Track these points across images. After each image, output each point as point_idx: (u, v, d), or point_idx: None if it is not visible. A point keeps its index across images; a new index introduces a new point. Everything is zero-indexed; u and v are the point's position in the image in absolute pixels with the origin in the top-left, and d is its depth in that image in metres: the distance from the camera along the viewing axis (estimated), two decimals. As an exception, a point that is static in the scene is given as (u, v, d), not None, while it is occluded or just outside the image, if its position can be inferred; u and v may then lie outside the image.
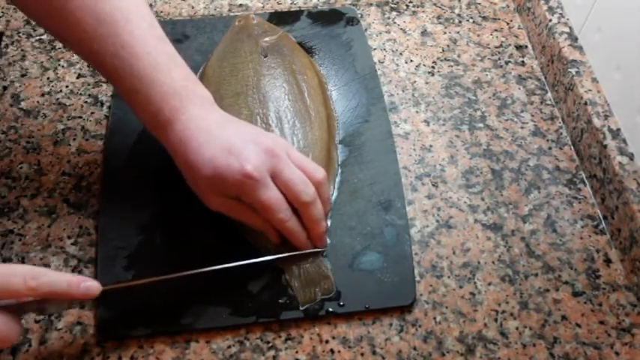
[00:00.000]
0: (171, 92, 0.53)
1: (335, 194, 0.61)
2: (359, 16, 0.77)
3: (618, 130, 0.62)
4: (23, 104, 0.68)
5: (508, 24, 0.77)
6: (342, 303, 0.55)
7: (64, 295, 0.47)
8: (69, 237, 0.59)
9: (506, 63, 0.73)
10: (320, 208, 0.55)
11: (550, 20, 0.71)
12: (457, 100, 0.70)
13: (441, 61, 0.73)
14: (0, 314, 0.44)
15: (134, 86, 0.53)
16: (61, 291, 0.46)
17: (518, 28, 0.77)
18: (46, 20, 0.55)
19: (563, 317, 0.55)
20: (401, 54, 0.74)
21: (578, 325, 0.55)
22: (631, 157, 0.60)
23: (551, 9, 0.72)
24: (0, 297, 0.45)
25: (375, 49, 0.74)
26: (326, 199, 0.56)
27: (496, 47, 0.75)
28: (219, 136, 0.53)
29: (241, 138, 0.53)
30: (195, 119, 0.53)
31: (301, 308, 0.54)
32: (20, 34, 0.74)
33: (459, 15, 0.78)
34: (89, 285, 0.48)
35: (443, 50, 0.74)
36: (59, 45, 0.73)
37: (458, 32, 0.76)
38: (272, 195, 0.52)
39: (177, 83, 0.54)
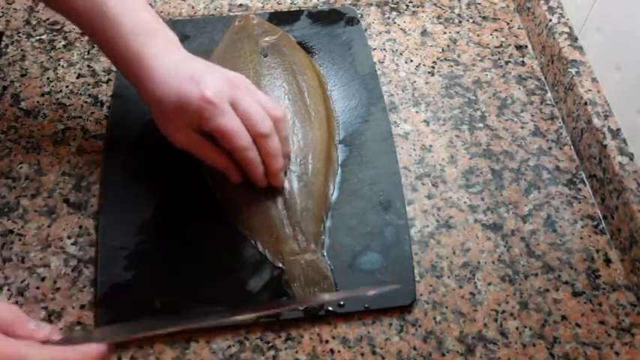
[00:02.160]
0: (140, 30, 0.55)
1: (335, 194, 0.61)
2: (359, 16, 0.77)
3: (618, 130, 0.62)
4: (23, 104, 0.68)
5: (508, 24, 0.77)
6: (342, 303, 0.55)
7: None
8: (69, 237, 0.59)
9: (506, 63, 0.73)
10: (277, 143, 0.55)
11: (550, 20, 0.71)
12: (457, 100, 0.70)
13: (441, 61, 0.73)
14: None
15: (104, 26, 0.55)
16: None
17: (518, 28, 0.77)
18: None
19: (563, 317, 0.55)
20: (401, 54, 0.74)
21: (578, 325, 0.55)
22: (631, 157, 0.60)
23: (551, 9, 0.72)
24: None
25: (375, 49, 0.74)
26: (284, 137, 0.57)
27: (496, 47, 0.75)
28: (184, 67, 0.54)
29: (205, 69, 0.55)
30: (162, 55, 0.55)
31: (300, 308, 0.54)
32: (20, 34, 0.74)
33: (459, 15, 0.78)
34: None
35: (443, 50, 0.74)
36: (59, 45, 0.73)
37: (458, 32, 0.76)
38: (231, 121, 0.53)
39: (146, 23, 0.56)
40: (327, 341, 0.54)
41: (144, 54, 0.55)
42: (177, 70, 0.54)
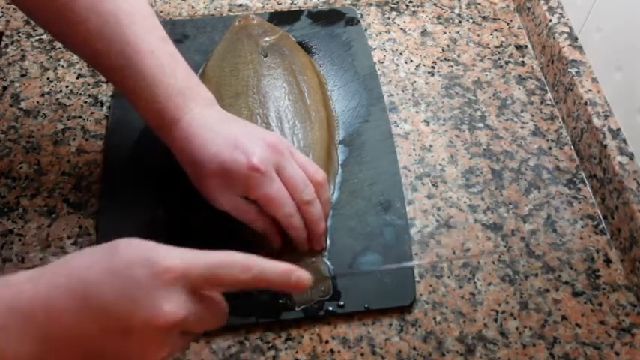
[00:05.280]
0: (175, 92, 0.53)
1: (335, 194, 0.61)
2: (359, 16, 0.77)
3: (618, 130, 0.62)
4: (23, 104, 0.68)
5: (508, 24, 0.77)
6: (341, 303, 0.55)
7: (277, 286, 0.45)
8: (69, 237, 0.59)
9: (506, 63, 0.73)
10: (319, 209, 0.55)
11: (550, 20, 0.71)
12: (457, 100, 0.70)
13: (441, 61, 0.73)
14: (202, 302, 0.42)
15: (138, 85, 0.53)
16: (276, 281, 0.45)
17: (518, 28, 0.77)
18: (50, 21, 0.55)
19: (563, 317, 0.55)
20: (401, 54, 0.74)
21: (578, 325, 0.55)
22: (631, 157, 0.60)
23: (551, 9, 0.72)
24: (209, 289, 0.43)
25: (375, 49, 0.74)
26: (325, 201, 0.56)
27: (496, 47, 0.75)
28: (223, 132, 0.53)
29: (245, 133, 0.54)
30: (198, 118, 0.54)
31: (297, 309, 0.54)
32: (20, 34, 0.74)
33: (459, 15, 0.78)
34: (300, 275, 0.46)
35: (443, 50, 0.74)
36: (59, 45, 0.73)
37: (458, 32, 0.76)
38: (278, 189, 0.52)
39: (181, 83, 0.54)
40: (327, 341, 0.54)
41: (180, 117, 0.53)
42: (217, 136, 0.53)
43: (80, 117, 0.67)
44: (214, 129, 0.53)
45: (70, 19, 0.53)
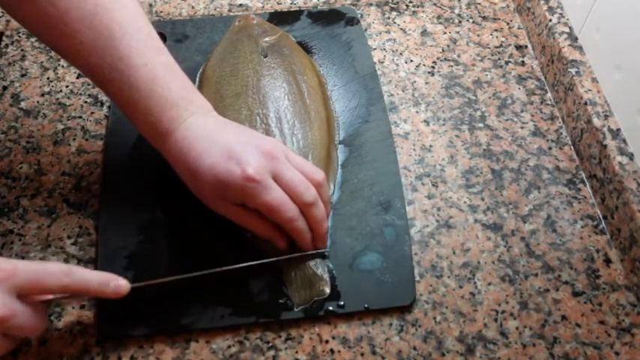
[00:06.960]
0: (169, 104, 0.53)
1: (335, 195, 0.61)
2: (359, 16, 0.77)
3: (618, 130, 0.62)
4: (23, 104, 0.68)
5: (508, 24, 0.78)
6: (341, 303, 0.55)
7: (95, 294, 0.48)
8: (69, 237, 0.59)
9: (506, 63, 0.73)
10: (322, 209, 0.55)
11: (550, 20, 0.71)
12: (457, 100, 0.70)
13: (441, 61, 0.73)
14: (27, 306, 0.45)
15: (132, 98, 0.53)
16: (92, 289, 0.48)
17: (518, 28, 0.77)
18: (43, 33, 0.55)
19: (563, 317, 0.55)
20: (401, 54, 0.74)
21: (578, 325, 0.55)
22: (631, 157, 0.60)
23: (551, 9, 0.72)
24: (34, 294, 0.46)
25: (375, 49, 0.74)
26: (326, 200, 0.56)
27: (496, 47, 0.75)
28: (217, 141, 0.53)
29: (239, 142, 0.53)
30: (192, 128, 0.54)
31: (296, 309, 0.54)
32: (20, 34, 0.74)
33: (459, 15, 0.78)
34: (118, 284, 0.49)
35: (443, 50, 0.74)
36: (59, 45, 0.73)
37: (458, 32, 0.76)
38: (277, 195, 0.52)
39: (175, 94, 0.54)
40: (327, 341, 0.54)
41: (174, 129, 0.53)
42: (212, 147, 0.52)
43: (80, 117, 0.67)
44: (209, 138, 0.53)
45: (62, 32, 0.53)
